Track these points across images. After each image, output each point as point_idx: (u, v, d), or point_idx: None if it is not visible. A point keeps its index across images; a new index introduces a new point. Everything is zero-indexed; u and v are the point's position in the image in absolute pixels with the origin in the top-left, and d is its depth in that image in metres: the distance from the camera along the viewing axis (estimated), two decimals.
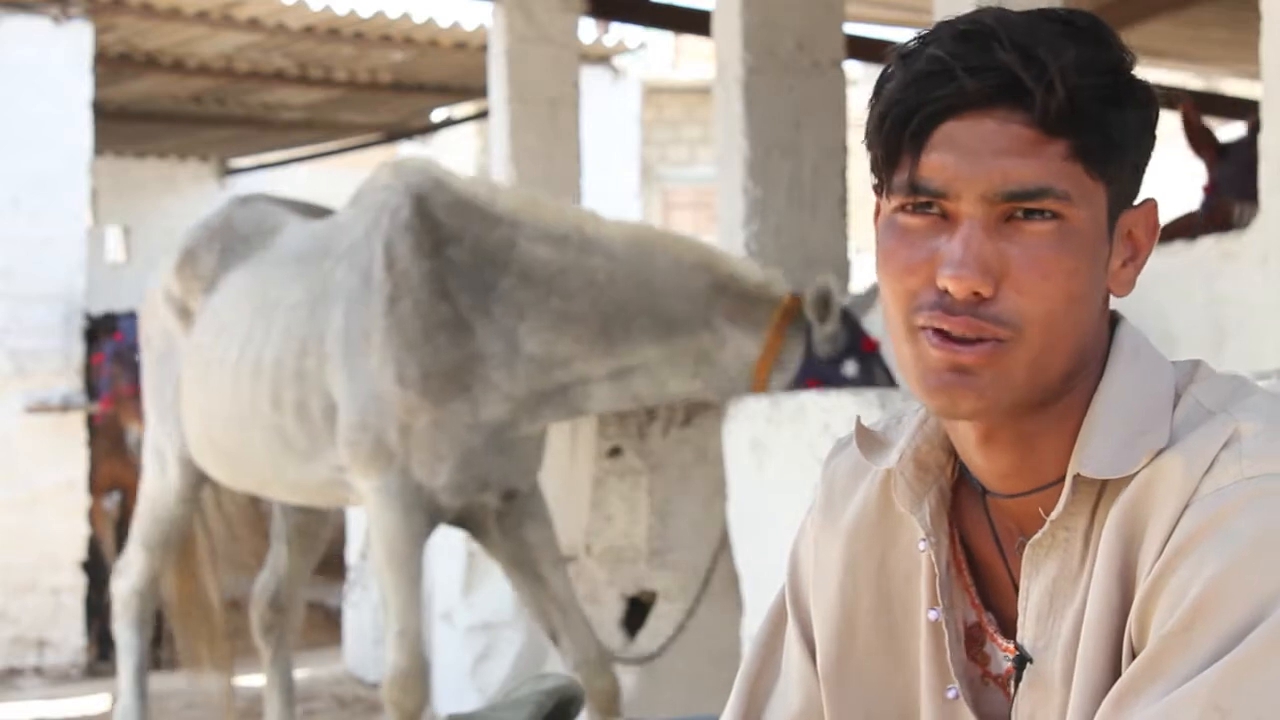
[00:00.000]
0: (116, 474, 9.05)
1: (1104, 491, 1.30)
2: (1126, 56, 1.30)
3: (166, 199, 12.24)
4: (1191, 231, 4.10)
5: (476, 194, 4.63)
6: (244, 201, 5.53)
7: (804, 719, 1.50)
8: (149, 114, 11.04)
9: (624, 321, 4.46)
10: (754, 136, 5.20)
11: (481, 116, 10.63)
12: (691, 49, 14.09)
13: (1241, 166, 4.18)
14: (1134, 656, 1.25)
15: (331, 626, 9.21)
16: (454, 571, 6.37)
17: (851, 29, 6.02)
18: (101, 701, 7.56)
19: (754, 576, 4.00)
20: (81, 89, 9.05)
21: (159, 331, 5.40)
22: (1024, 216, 1.27)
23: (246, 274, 5.03)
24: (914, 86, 1.27)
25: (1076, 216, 1.27)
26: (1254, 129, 4.42)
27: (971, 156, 1.26)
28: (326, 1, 8.86)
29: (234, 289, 5.03)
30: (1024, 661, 1.35)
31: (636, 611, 5.56)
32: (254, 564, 5.79)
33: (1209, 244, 3.70)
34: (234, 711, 5.98)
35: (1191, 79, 9.81)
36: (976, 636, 1.41)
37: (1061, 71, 1.24)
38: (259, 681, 5.90)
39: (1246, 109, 7.24)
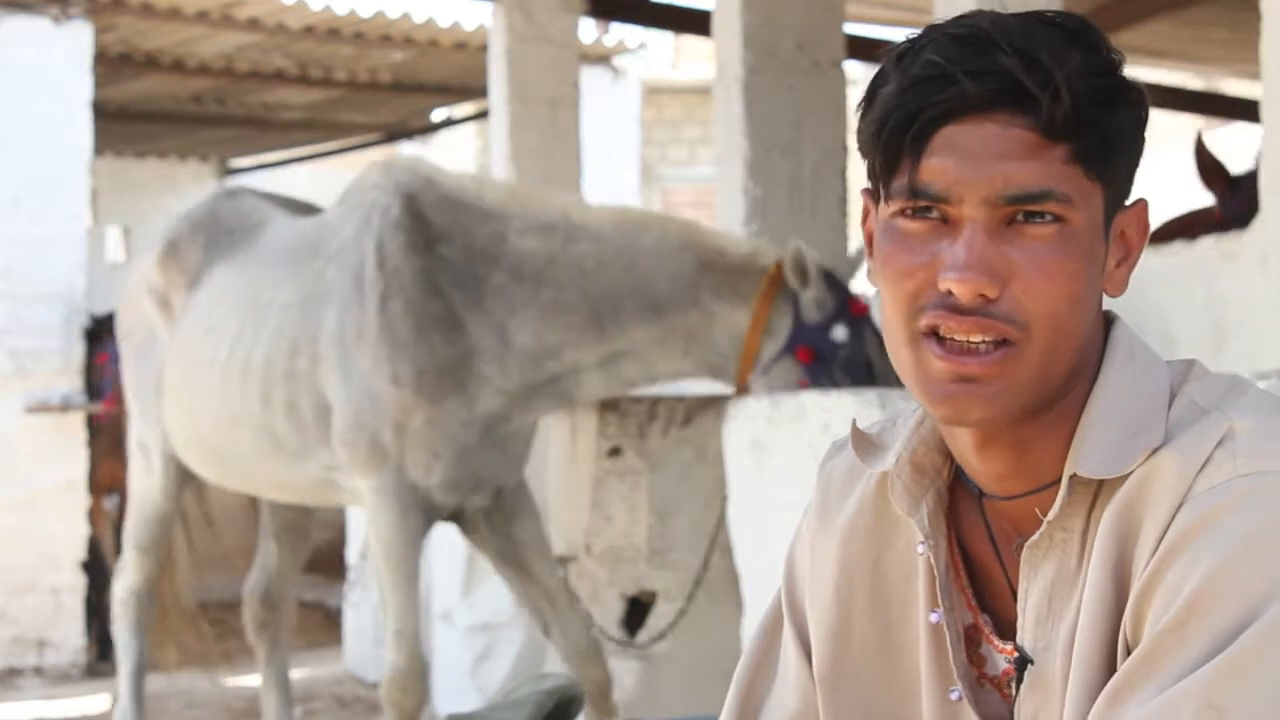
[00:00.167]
0: (117, 474, 9.01)
1: (1100, 492, 1.31)
2: (1117, 58, 1.31)
3: (166, 199, 12.22)
4: (1196, 230, 4.09)
5: (465, 190, 4.63)
6: (229, 194, 5.49)
7: (800, 719, 1.50)
8: (149, 114, 11.03)
9: (613, 306, 4.45)
10: (754, 136, 5.20)
11: (481, 116, 10.63)
12: (691, 49, 14.08)
13: (1253, 199, 4.18)
14: (1129, 654, 1.25)
15: (331, 626, 9.21)
16: (453, 571, 6.37)
17: (851, 29, 6.01)
18: (101, 701, 7.55)
19: (754, 576, 3.99)
20: (81, 89, 9.04)
21: (139, 324, 5.35)
22: (1025, 220, 1.27)
23: (234, 271, 4.99)
24: (913, 90, 1.27)
25: (1076, 218, 1.28)
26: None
27: (973, 160, 1.26)
28: (326, 1, 8.85)
29: (221, 287, 4.99)
30: (1024, 663, 1.35)
31: (636, 611, 5.56)
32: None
33: (1209, 244, 3.70)
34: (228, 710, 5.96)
35: (1191, 79, 9.80)
36: (973, 638, 1.42)
37: (1067, 79, 1.25)
38: (256, 681, 5.88)
39: (1246, 109, 7.25)
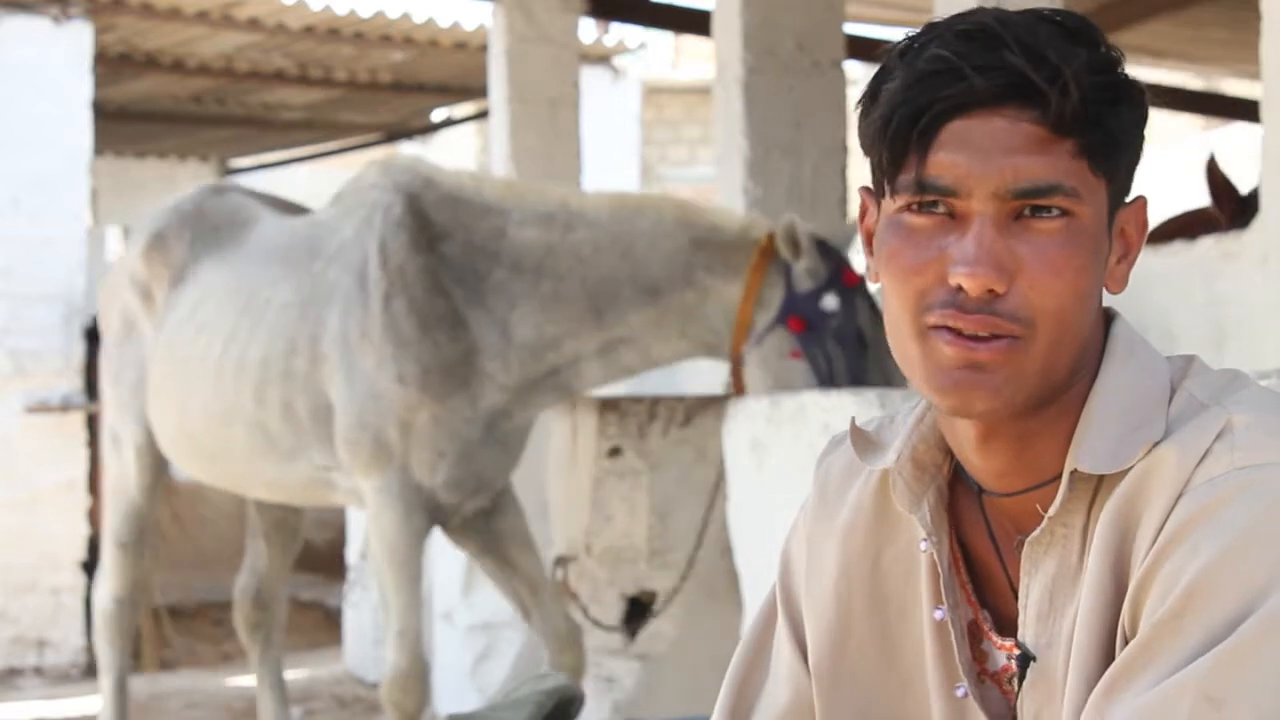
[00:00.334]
0: None
1: (1100, 487, 1.31)
2: (1117, 55, 1.31)
3: (166, 199, 12.22)
4: (1195, 230, 4.09)
5: (463, 187, 4.63)
6: (216, 190, 5.45)
7: (793, 714, 1.50)
8: (149, 114, 11.03)
9: (610, 293, 4.45)
10: (754, 136, 5.20)
11: (481, 116, 10.63)
12: (691, 49, 14.08)
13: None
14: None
15: (331, 626, 9.21)
16: (454, 571, 6.37)
17: (851, 29, 6.02)
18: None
19: (754, 576, 3.99)
20: (81, 89, 9.04)
21: (119, 314, 5.29)
22: (1032, 214, 1.27)
23: (223, 268, 4.96)
24: (920, 85, 1.27)
25: (1083, 213, 1.28)
26: None
27: (982, 154, 1.26)
28: (326, 1, 8.86)
29: (210, 283, 4.95)
30: (1027, 660, 1.35)
31: (637, 611, 5.56)
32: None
33: (1209, 244, 3.70)
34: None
35: (1191, 79, 9.80)
36: (974, 634, 1.42)
37: (1074, 74, 1.25)
38: (252, 681, 5.85)
39: (1246, 109, 7.25)
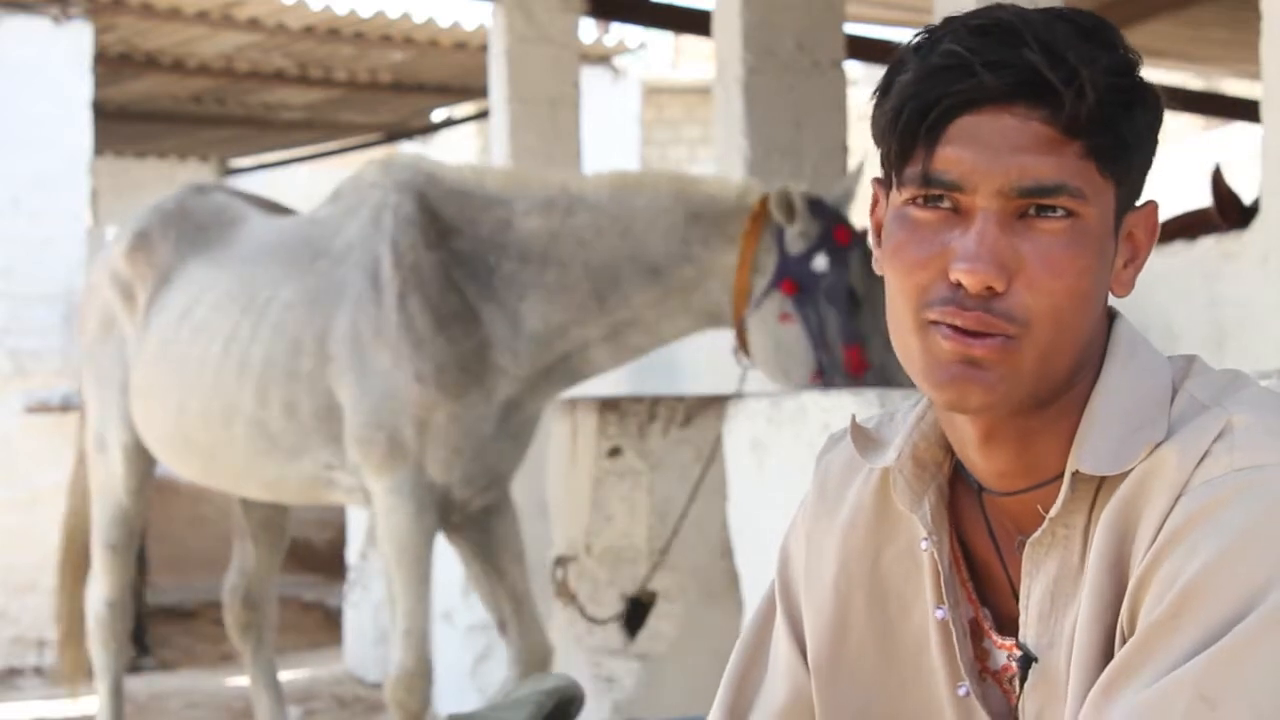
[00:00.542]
0: None
1: (1102, 487, 1.31)
2: (1135, 58, 1.30)
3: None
4: (1195, 230, 4.09)
5: (466, 181, 4.63)
6: (198, 190, 5.40)
7: (791, 711, 1.50)
8: (149, 114, 11.03)
9: (612, 276, 4.44)
10: (754, 136, 5.20)
11: (481, 116, 10.63)
12: (691, 49, 14.07)
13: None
14: None
15: (331, 626, 9.21)
16: (454, 571, 6.37)
17: (851, 29, 6.02)
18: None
19: (754, 576, 3.98)
20: (81, 89, 9.04)
21: (98, 314, 5.23)
22: (1037, 213, 1.27)
23: (214, 268, 4.92)
24: (931, 79, 1.27)
25: (1089, 215, 1.28)
26: None
27: (990, 151, 1.26)
28: (326, 1, 8.86)
29: (201, 283, 4.91)
30: (1028, 661, 1.35)
31: (637, 611, 5.55)
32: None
33: (1209, 244, 3.70)
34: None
35: (1191, 79, 9.80)
36: (974, 633, 1.42)
37: (1091, 75, 1.25)
38: (248, 682, 5.83)
39: (1246, 109, 7.25)
